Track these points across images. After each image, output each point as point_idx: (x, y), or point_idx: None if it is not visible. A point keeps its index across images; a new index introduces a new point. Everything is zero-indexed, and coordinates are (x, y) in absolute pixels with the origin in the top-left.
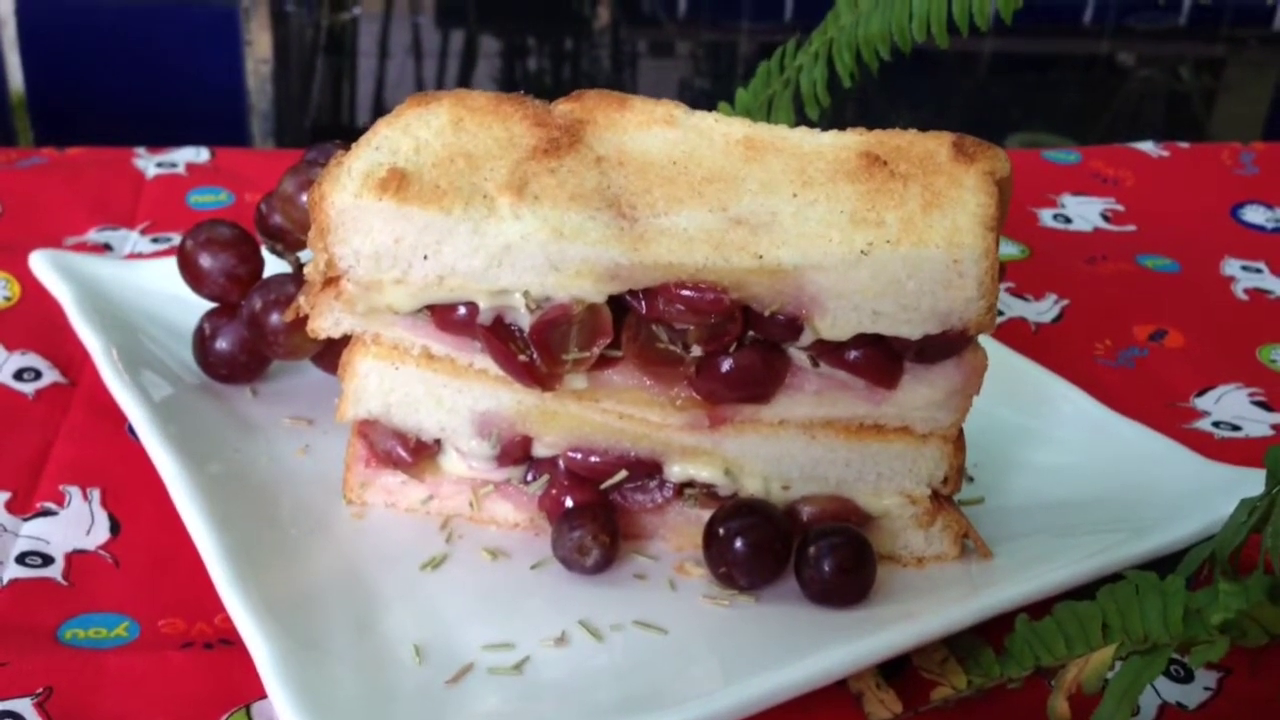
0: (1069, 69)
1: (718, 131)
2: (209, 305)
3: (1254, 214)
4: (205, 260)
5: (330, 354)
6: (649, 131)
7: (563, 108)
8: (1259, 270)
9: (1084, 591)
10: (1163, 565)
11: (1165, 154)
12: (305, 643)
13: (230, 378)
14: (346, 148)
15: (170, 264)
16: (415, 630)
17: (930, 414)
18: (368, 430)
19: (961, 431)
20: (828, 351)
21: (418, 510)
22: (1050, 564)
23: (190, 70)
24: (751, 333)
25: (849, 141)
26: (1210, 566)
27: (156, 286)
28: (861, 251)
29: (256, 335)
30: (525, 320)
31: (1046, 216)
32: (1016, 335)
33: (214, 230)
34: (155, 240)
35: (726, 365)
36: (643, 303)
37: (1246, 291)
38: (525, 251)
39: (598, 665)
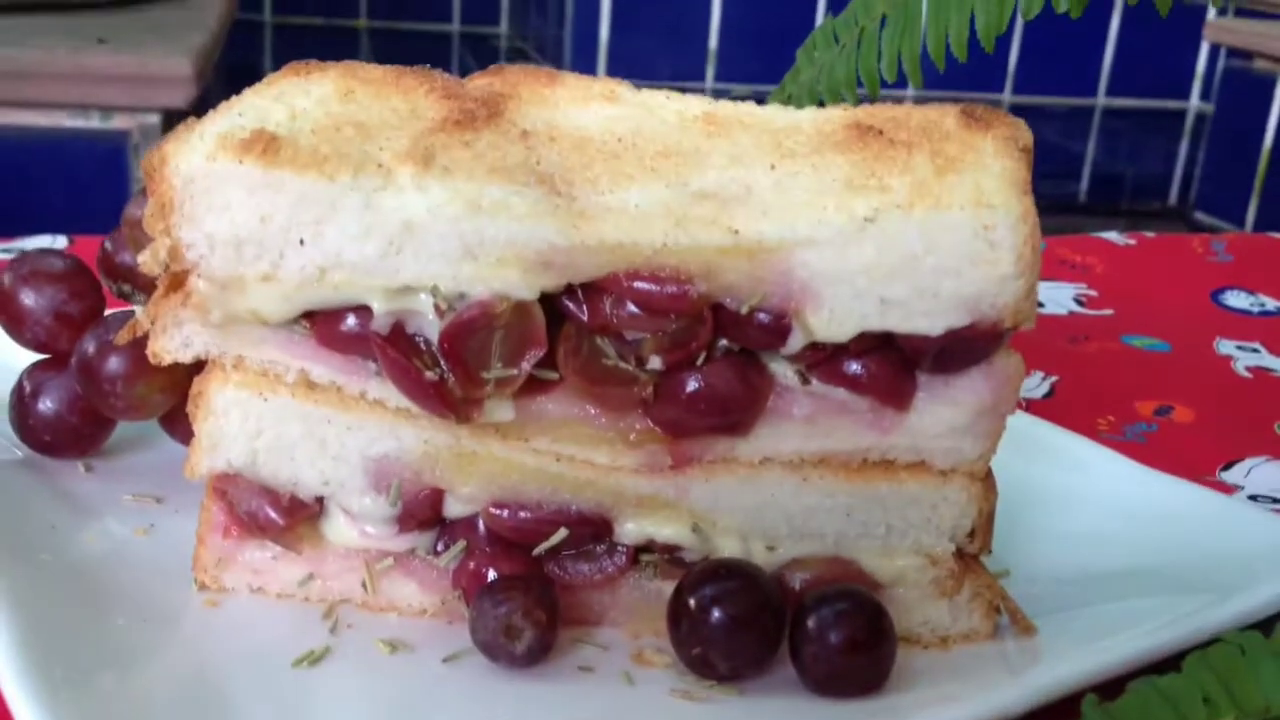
0: None
1: (670, 108)
2: (35, 359)
3: (1236, 299)
4: (28, 297)
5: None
6: (586, 108)
7: (479, 82)
8: (1256, 350)
9: (1156, 669)
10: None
11: (1131, 243)
12: None
13: (56, 447)
14: None
15: None
16: None
17: (953, 442)
18: (228, 487)
19: (990, 470)
20: (821, 362)
21: (293, 595)
22: (1112, 638)
23: (78, 205)
24: (724, 341)
25: (832, 115)
26: None
27: None
28: (865, 219)
29: (90, 388)
30: (434, 329)
31: None
32: None
33: (40, 261)
34: None
35: (693, 384)
36: (584, 306)
37: (1249, 369)
38: (433, 231)
39: None
